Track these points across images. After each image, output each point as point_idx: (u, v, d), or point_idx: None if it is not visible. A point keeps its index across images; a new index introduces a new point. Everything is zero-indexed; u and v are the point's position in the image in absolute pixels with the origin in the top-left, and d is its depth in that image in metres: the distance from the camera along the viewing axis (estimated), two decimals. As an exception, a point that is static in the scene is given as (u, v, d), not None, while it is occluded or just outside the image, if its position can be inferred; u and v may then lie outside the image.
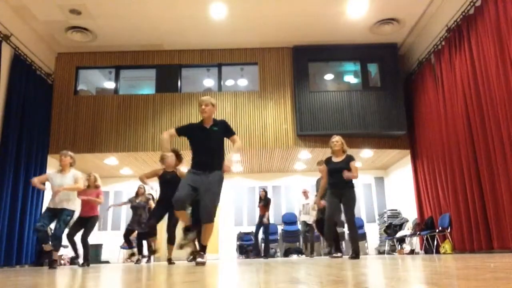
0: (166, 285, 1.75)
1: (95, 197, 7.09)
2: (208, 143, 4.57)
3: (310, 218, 9.04)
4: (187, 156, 6.10)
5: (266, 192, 9.65)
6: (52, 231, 5.94)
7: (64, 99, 9.60)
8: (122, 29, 9.03)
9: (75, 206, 6.09)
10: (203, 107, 4.65)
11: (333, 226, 5.86)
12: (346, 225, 5.89)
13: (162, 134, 4.74)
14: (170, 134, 4.69)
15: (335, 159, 5.83)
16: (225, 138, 4.79)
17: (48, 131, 9.26)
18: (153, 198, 8.79)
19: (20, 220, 8.05)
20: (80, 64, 9.93)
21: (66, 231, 6.47)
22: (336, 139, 5.87)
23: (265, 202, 9.47)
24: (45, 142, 9.13)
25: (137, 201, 8.52)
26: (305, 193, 9.91)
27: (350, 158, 5.74)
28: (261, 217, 9.36)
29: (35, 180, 5.85)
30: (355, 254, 5.43)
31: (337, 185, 5.67)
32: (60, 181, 5.84)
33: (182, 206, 4.40)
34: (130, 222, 8.53)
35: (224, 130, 4.73)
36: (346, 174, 5.54)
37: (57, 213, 5.81)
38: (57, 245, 5.89)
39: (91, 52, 9.90)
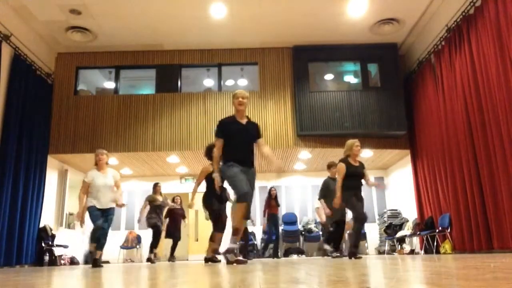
0: (167, 285, 1.75)
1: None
2: (248, 139, 4.56)
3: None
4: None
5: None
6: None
7: (64, 99, 9.59)
8: (122, 29, 9.03)
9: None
10: (240, 99, 4.52)
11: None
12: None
13: (214, 153, 4.59)
14: (218, 147, 4.51)
15: (353, 163, 6.02)
16: None
17: (48, 131, 9.26)
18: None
19: (20, 220, 8.05)
20: (80, 64, 9.93)
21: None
22: (359, 143, 6.07)
23: (277, 201, 9.34)
24: (45, 142, 9.13)
25: (161, 199, 8.45)
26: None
27: (363, 165, 6.11)
28: (275, 216, 9.21)
29: (81, 219, 6.02)
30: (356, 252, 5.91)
31: (357, 187, 6.00)
32: (103, 181, 6.04)
33: (250, 198, 4.38)
34: (156, 220, 8.22)
35: (257, 131, 4.69)
36: (373, 183, 6.27)
37: (103, 212, 6.00)
38: (104, 244, 6.04)
39: (91, 52, 9.89)
